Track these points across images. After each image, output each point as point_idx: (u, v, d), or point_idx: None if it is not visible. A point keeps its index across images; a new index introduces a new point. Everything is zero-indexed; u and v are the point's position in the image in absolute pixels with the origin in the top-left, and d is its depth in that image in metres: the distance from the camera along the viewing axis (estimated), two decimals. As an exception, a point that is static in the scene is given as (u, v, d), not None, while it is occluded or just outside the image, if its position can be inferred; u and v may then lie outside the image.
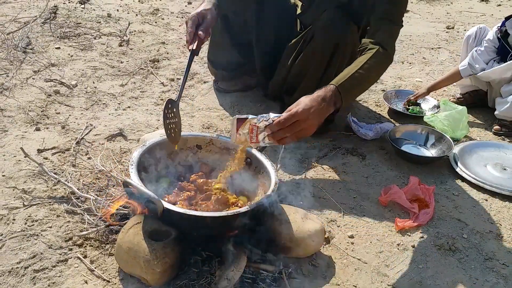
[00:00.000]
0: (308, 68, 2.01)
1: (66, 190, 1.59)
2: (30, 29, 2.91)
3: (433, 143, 2.13)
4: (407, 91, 2.62)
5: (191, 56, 1.54)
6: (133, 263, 1.23)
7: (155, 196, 1.20)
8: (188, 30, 1.56)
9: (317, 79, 2.00)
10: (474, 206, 1.77)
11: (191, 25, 1.57)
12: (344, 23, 1.90)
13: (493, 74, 2.32)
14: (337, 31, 1.89)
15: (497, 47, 2.35)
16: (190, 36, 1.56)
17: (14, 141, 1.85)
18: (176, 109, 1.48)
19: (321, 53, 1.95)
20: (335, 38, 1.90)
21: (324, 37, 1.91)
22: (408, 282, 1.40)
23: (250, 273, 1.29)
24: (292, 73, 2.09)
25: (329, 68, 1.98)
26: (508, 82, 2.30)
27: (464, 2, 5.13)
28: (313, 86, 2.04)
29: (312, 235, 1.37)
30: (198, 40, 1.55)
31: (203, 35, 1.54)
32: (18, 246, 1.36)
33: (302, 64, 2.03)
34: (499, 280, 1.43)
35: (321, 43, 1.93)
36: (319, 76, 2.00)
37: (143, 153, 1.45)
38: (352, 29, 1.91)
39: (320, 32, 1.92)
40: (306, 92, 2.07)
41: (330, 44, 1.91)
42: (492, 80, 2.37)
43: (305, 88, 2.07)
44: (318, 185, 1.79)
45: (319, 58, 1.96)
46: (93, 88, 2.37)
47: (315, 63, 1.98)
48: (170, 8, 3.84)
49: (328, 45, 1.92)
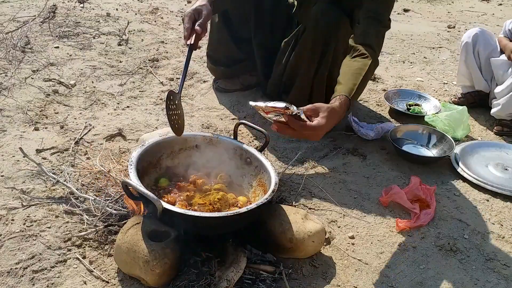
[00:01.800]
0: (301, 65, 2.00)
1: (65, 190, 1.58)
2: (29, 28, 2.90)
3: (434, 143, 2.12)
4: (408, 91, 2.61)
5: (189, 52, 1.56)
6: (132, 264, 1.22)
7: (154, 197, 1.20)
8: (185, 26, 1.58)
9: (310, 77, 1.99)
10: (475, 207, 1.77)
11: (187, 21, 1.58)
12: (335, 15, 1.87)
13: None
14: (327, 23, 1.87)
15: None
16: (187, 32, 1.57)
17: (13, 141, 1.85)
18: (178, 101, 1.49)
19: (311, 47, 1.93)
20: (326, 30, 1.87)
21: (314, 30, 1.89)
22: (409, 283, 1.39)
23: (250, 274, 1.29)
24: (287, 71, 2.08)
25: (322, 65, 1.97)
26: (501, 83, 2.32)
27: (465, 1, 5.12)
28: (307, 84, 2.05)
29: (313, 236, 1.36)
30: (195, 36, 1.56)
31: (200, 29, 1.55)
32: (17, 247, 1.35)
33: (295, 61, 2.02)
34: (500, 280, 1.43)
35: (311, 36, 1.91)
36: (312, 73, 1.99)
37: (142, 153, 1.44)
38: (344, 20, 1.89)
39: (310, 25, 1.90)
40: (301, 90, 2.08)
41: (321, 36, 1.89)
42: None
43: (300, 87, 2.08)
44: (318, 185, 1.78)
45: (310, 53, 1.94)
46: (92, 88, 2.37)
47: (307, 59, 1.96)
48: (170, 7, 3.83)
49: (319, 37, 1.90)
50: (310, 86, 2.04)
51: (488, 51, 2.43)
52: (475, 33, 2.45)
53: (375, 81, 2.79)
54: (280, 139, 2.08)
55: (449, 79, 2.95)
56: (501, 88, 2.29)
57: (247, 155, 1.56)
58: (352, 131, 2.15)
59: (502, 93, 2.28)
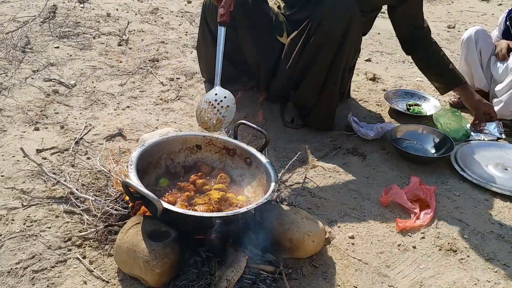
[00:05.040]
0: (316, 58, 1.96)
1: (65, 190, 1.58)
2: (29, 28, 2.90)
3: (434, 143, 2.12)
4: (408, 91, 2.61)
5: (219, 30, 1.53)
6: (133, 264, 1.22)
7: (155, 197, 1.20)
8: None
9: (325, 71, 1.97)
10: (475, 207, 1.77)
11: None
12: (351, 5, 1.87)
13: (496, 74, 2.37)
14: (345, 13, 1.86)
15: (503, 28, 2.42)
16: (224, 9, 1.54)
17: (13, 141, 1.85)
18: (231, 106, 1.52)
19: (330, 39, 1.90)
20: (345, 20, 1.86)
21: (333, 22, 1.86)
22: (409, 282, 1.39)
23: (250, 274, 1.28)
24: (299, 67, 2.04)
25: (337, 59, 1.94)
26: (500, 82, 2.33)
27: (465, 1, 5.12)
28: (320, 79, 2.02)
29: (313, 236, 1.36)
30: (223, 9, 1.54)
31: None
32: (17, 247, 1.35)
33: (309, 55, 1.97)
34: (500, 280, 1.43)
35: (329, 27, 1.88)
36: (327, 68, 1.96)
37: (142, 153, 1.44)
38: (358, 13, 1.89)
39: (328, 17, 1.87)
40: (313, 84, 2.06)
41: (340, 27, 1.87)
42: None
43: (312, 82, 2.04)
44: (318, 185, 1.78)
45: (329, 44, 1.91)
46: (92, 88, 2.37)
47: (325, 51, 1.93)
48: (170, 7, 3.83)
49: (338, 28, 1.87)
50: (323, 80, 2.02)
51: (488, 50, 2.43)
52: (476, 30, 2.45)
53: (375, 81, 2.79)
54: (280, 139, 2.08)
55: (449, 79, 2.95)
56: (502, 86, 2.29)
57: (247, 155, 1.56)
58: (352, 131, 2.15)
59: (503, 90, 2.27)
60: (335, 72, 2.01)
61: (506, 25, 2.43)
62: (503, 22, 2.47)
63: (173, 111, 2.22)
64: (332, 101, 2.09)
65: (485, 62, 2.45)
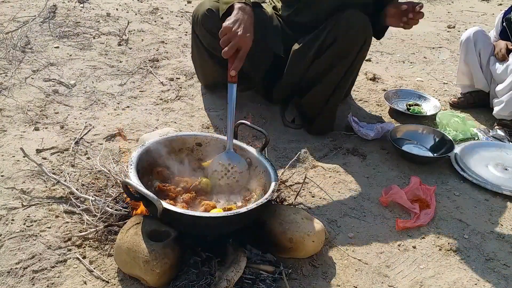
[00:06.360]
0: (328, 72, 1.94)
1: (65, 190, 1.58)
2: (29, 28, 2.90)
3: (434, 143, 2.12)
4: (408, 91, 2.61)
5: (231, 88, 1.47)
6: (133, 264, 1.22)
7: (155, 197, 1.20)
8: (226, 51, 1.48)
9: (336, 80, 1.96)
10: (475, 207, 1.77)
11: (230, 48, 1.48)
12: (366, 23, 1.87)
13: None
14: (361, 33, 1.87)
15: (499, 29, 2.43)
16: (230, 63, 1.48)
17: (13, 141, 1.85)
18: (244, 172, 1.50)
19: (346, 57, 1.90)
20: (362, 39, 1.88)
21: (349, 42, 1.87)
22: (409, 282, 1.39)
23: (250, 274, 1.28)
24: (307, 77, 2.01)
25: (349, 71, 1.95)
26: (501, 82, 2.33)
27: (465, 1, 5.12)
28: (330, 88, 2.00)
29: (313, 236, 1.36)
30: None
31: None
32: (17, 247, 1.35)
33: (320, 69, 1.95)
34: (500, 280, 1.43)
35: (346, 47, 1.88)
36: (339, 78, 1.96)
37: (142, 153, 1.44)
38: (370, 26, 1.89)
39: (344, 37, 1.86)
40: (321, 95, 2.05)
41: (357, 47, 1.88)
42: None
43: (320, 91, 2.01)
44: (318, 185, 1.78)
45: (344, 63, 1.91)
46: (92, 88, 2.37)
47: (339, 68, 1.93)
48: (170, 7, 3.83)
49: (355, 48, 1.89)
50: (333, 89, 2.00)
51: (488, 50, 2.43)
52: (475, 30, 2.46)
53: (375, 81, 2.79)
54: (280, 139, 2.08)
55: (449, 79, 2.95)
56: (502, 86, 2.29)
57: (247, 155, 1.56)
58: (352, 131, 2.15)
59: (503, 90, 2.27)
60: (345, 84, 2.02)
61: (502, 26, 2.44)
62: (500, 23, 2.48)
63: (173, 111, 2.22)
64: (335, 108, 2.11)
65: (484, 62, 2.45)
